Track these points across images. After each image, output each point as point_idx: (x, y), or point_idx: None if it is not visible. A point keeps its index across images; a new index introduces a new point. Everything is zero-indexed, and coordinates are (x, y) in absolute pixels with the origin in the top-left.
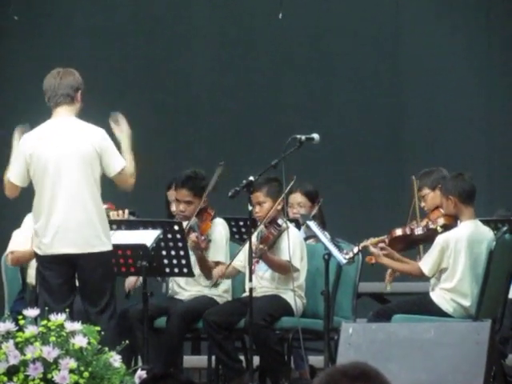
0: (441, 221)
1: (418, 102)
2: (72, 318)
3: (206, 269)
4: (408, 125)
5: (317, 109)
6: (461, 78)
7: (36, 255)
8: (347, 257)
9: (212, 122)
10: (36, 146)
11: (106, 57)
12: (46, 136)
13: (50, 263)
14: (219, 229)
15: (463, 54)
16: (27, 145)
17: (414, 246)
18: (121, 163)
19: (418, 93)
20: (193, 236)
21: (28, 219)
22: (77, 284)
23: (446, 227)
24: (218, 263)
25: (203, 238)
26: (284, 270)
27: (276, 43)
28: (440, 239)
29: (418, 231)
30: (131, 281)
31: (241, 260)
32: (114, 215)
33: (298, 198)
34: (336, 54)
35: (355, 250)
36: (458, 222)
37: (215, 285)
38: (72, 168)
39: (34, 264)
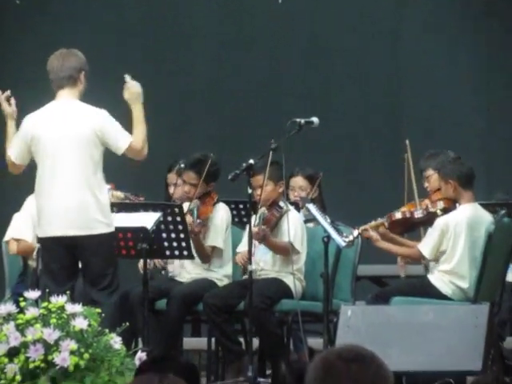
0: (440, 204)
1: (417, 89)
2: (73, 300)
3: (201, 252)
4: (407, 111)
5: (316, 96)
6: (457, 65)
7: (37, 237)
8: (347, 240)
9: (215, 109)
10: (37, 128)
11: (108, 46)
12: (46, 118)
13: (50, 245)
14: (221, 214)
15: (462, 45)
16: (28, 125)
17: (413, 228)
18: (126, 140)
19: (417, 80)
20: (188, 219)
21: (28, 202)
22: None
23: (446, 210)
24: (214, 248)
25: (198, 221)
26: (285, 251)
27: (275, 31)
28: (440, 222)
29: (418, 214)
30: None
31: (244, 245)
32: (115, 195)
33: (299, 181)
34: (335, 39)
35: (355, 233)
36: (457, 205)
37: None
38: (70, 150)
39: (35, 246)
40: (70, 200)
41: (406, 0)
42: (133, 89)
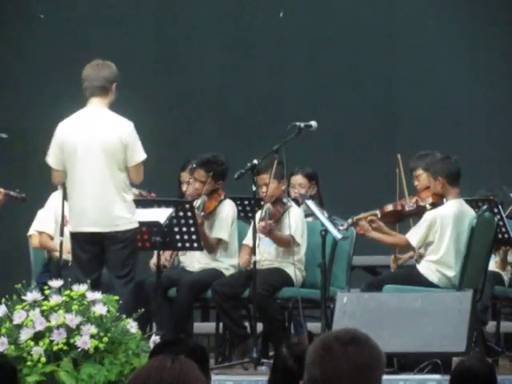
0: (429, 199)
1: (409, 90)
2: (98, 287)
3: (206, 243)
4: (400, 114)
5: (316, 101)
6: (447, 65)
7: (69, 231)
8: (342, 228)
9: (220, 112)
10: (67, 133)
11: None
12: (77, 123)
13: (79, 239)
14: (227, 208)
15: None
16: (60, 131)
17: (403, 219)
18: (140, 157)
19: (411, 85)
20: (196, 213)
21: (51, 199)
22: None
23: (434, 205)
24: (219, 240)
25: (202, 214)
26: (287, 244)
27: (276, 41)
28: (428, 215)
29: (409, 207)
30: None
31: (249, 238)
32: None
33: (299, 179)
34: (334, 50)
35: (349, 221)
36: (444, 200)
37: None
38: (99, 154)
39: (58, 239)
40: (98, 200)
41: (402, 6)
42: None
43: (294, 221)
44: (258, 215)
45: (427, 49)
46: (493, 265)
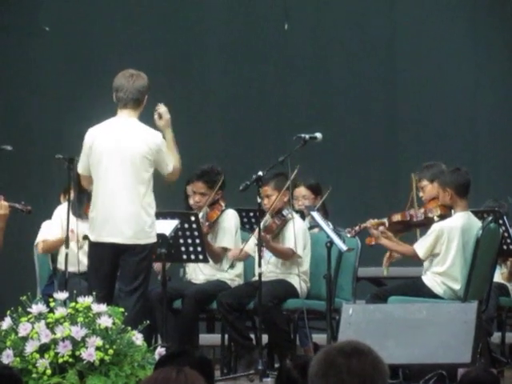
0: (437, 210)
1: (412, 103)
2: (111, 299)
3: (210, 252)
4: (402, 126)
5: (320, 111)
6: (449, 81)
7: (88, 240)
8: (349, 235)
9: (226, 123)
10: (95, 140)
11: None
12: (106, 131)
13: (98, 249)
14: (229, 217)
15: (455, 57)
16: (89, 137)
17: (410, 229)
18: (171, 164)
19: (412, 95)
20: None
21: (57, 213)
22: None
23: (442, 216)
24: (224, 249)
25: (207, 223)
26: (286, 256)
27: (282, 52)
28: (436, 227)
29: (417, 218)
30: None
31: (251, 246)
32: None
33: (302, 191)
34: (337, 61)
35: (357, 228)
36: (452, 212)
37: (231, 266)
38: (125, 165)
39: (63, 251)
40: (121, 211)
41: (401, 16)
42: (166, 115)
43: (295, 233)
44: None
45: (429, 60)
46: (498, 276)
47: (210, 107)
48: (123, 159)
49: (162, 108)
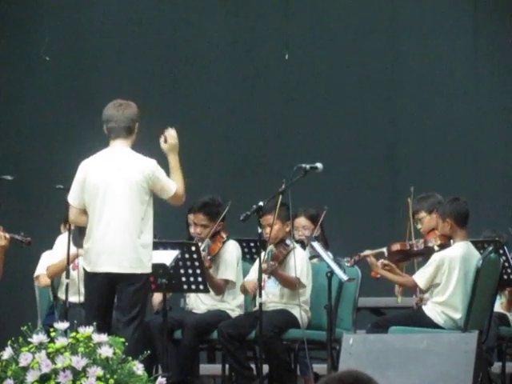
0: (437, 240)
1: (411, 134)
2: (109, 329)
3: (212, 285)
4: (402, 154)
5: (319, 139)
6: (449, 109)
7: (84, 271)
8: (348, 264)
9: (226, 153)
10: (89, 172)
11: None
12: (99, 163)
13: (95, 279)
14: (231, 249)
15: (454, 83)
16: (82, 170)
17: (409, 259)
18: (172, 188)
19: (411, 125)
20: (203, 255)
21: (59, 242)
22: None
23: (442, 246)
24: (226, 281)
25: (208, 257)
26: (292, 285)
27: (282, 81)
28: (436, 257)
29: (417, 247)
30: (158, 300)
31: (253, 277)
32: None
33: (302, 221)
34: (336, 91)
35: (356, 257)
36: (451, 241)
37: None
38: (119, 195)
39: (64, 281)
40: (117, 241)
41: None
42: (172, 140)
43: (299, 263)
44: (263, 256)
45: (430, 87)
46: (498, 306)
47: (210, 136)
48: (119, 190)
49: (169, 132)
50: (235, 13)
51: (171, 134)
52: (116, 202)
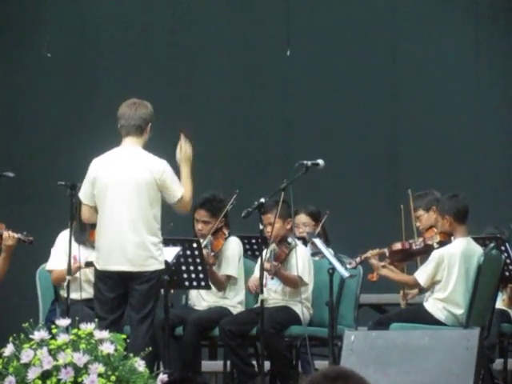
0: (436, 237)
1: (412, 130)
2: (119, 326)
3: (215, 281)
4: (402, 151)
5: (321, 136)
6: (450, 104)
7: (94, 268)
8: (350, 266)
9: (228, 149)
10: (100, 170)
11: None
12: (110, 162)
13: (105, 277)
14: (232, 246)
15: (455, 81)
16: (93, 168)
17: (411, 258)
18: (179, 192)
19: (412, 122)
20: (205, 252)
21: (60, 238)
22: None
23: (442, 243)
24: (228, 277)
25: (212, 254)
26: (295, 283)
27: (284, 78)
28: (436, 254)
29: (416, 246)
30: None
31: (257, 277)
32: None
33: (302, 218)
34: (339, 88)
35: (358, 259)
36: (452, 238)
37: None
38: (129, 194)
39: (66, 278)
40: (128, 240)
41: (403, 48)
42: (187, 150)
43: (301, 260)
44: (265, 254)
45: (431, 88)
46: (500, 302)
47: (213, 134)
48: (129, 189)
49: (186, 144)
50: (237, 9)
51: (187, 144)
52: (126, 200)
